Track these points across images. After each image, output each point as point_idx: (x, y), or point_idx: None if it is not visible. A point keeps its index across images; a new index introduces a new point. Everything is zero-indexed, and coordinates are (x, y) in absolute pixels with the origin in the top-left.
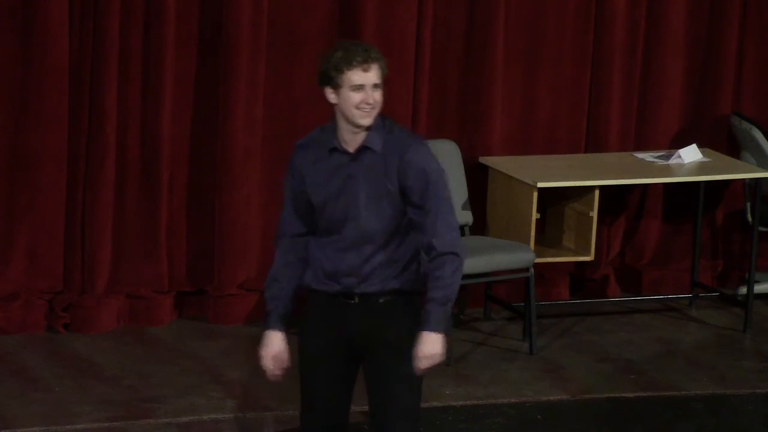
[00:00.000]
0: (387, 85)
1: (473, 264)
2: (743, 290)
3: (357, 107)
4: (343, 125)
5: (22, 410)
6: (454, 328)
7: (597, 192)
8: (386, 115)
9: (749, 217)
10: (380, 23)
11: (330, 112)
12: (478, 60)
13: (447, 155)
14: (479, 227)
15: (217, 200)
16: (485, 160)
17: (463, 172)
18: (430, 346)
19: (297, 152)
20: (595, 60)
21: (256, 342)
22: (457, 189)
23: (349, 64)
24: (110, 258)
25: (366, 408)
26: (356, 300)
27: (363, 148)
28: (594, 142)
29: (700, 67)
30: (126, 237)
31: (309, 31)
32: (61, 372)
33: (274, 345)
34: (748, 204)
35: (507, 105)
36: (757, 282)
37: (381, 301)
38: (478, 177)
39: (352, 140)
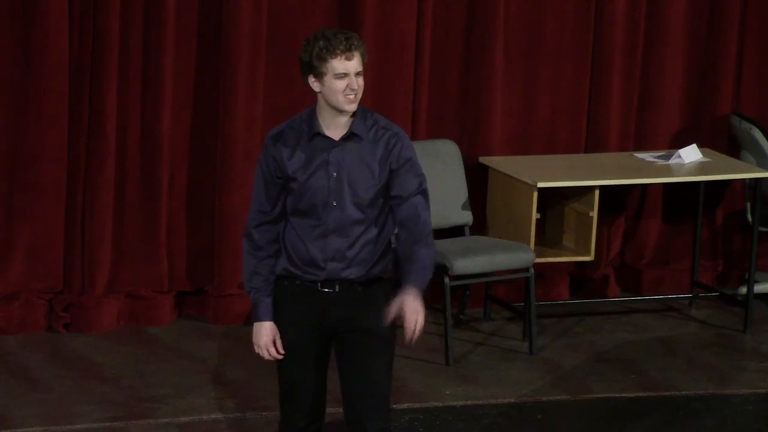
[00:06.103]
0: (387, 85)
1: (473, 264)
2: (743, 290)
3: (342, 94)
4: (326, 113)
5: (22, 410)
6: (454, 327)
7: (597, 192)
8: (386, 114)
9: (749, 217)
10: (380, 23)
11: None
12: (478, 60)
13: (447, 155)
14: (479, 227)
15: (217, 200)
16: (485, 160)
17: (463, 172)
18: (416, 299)
19: (271, 141)
20: (595, 60)
21: None
22: (457, 189)
23: (332, 52)
24: (110, 258)
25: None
26: (337, 288)
27: (350, 135)
28: (594, 142)
29: (700, 67)
30: (126, 237)
31: (309, 31)
32: (61, 372)
33: (272, 333)
34: (748, 204)
35: (507, 105)
36: (757, 282)
37: (360, 289)
38: (478, 177)
39: (335, 127)
